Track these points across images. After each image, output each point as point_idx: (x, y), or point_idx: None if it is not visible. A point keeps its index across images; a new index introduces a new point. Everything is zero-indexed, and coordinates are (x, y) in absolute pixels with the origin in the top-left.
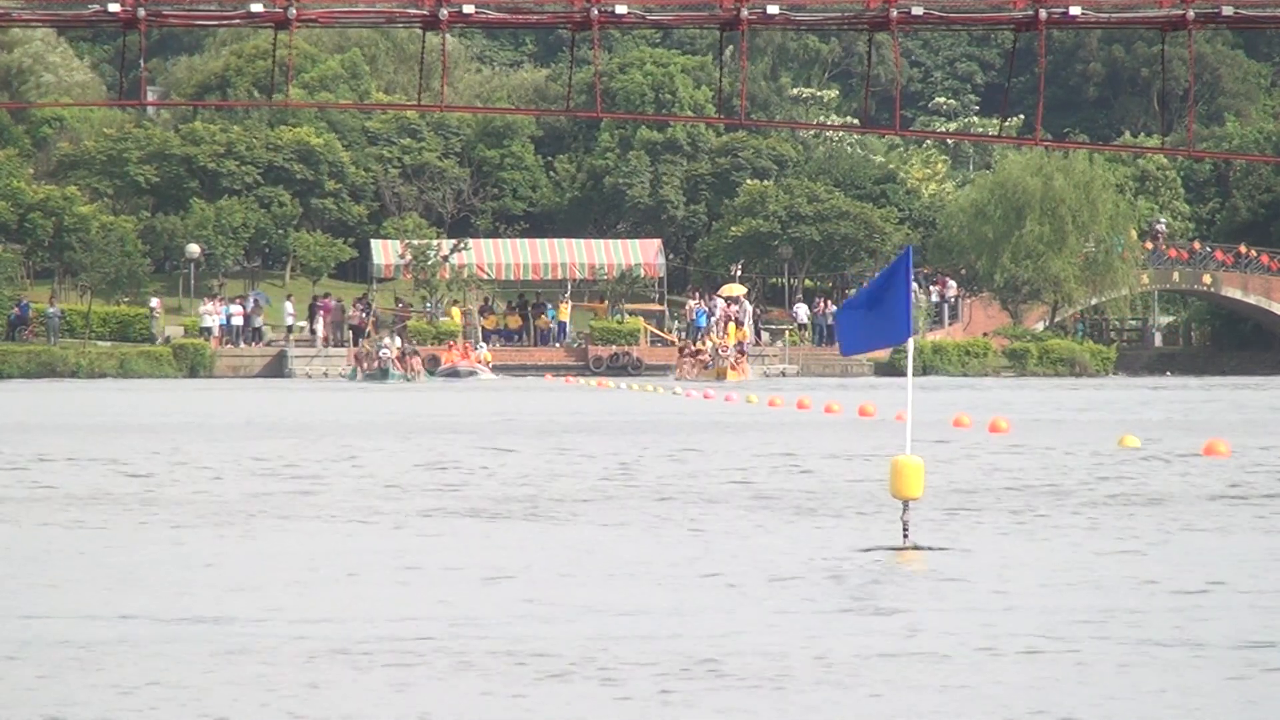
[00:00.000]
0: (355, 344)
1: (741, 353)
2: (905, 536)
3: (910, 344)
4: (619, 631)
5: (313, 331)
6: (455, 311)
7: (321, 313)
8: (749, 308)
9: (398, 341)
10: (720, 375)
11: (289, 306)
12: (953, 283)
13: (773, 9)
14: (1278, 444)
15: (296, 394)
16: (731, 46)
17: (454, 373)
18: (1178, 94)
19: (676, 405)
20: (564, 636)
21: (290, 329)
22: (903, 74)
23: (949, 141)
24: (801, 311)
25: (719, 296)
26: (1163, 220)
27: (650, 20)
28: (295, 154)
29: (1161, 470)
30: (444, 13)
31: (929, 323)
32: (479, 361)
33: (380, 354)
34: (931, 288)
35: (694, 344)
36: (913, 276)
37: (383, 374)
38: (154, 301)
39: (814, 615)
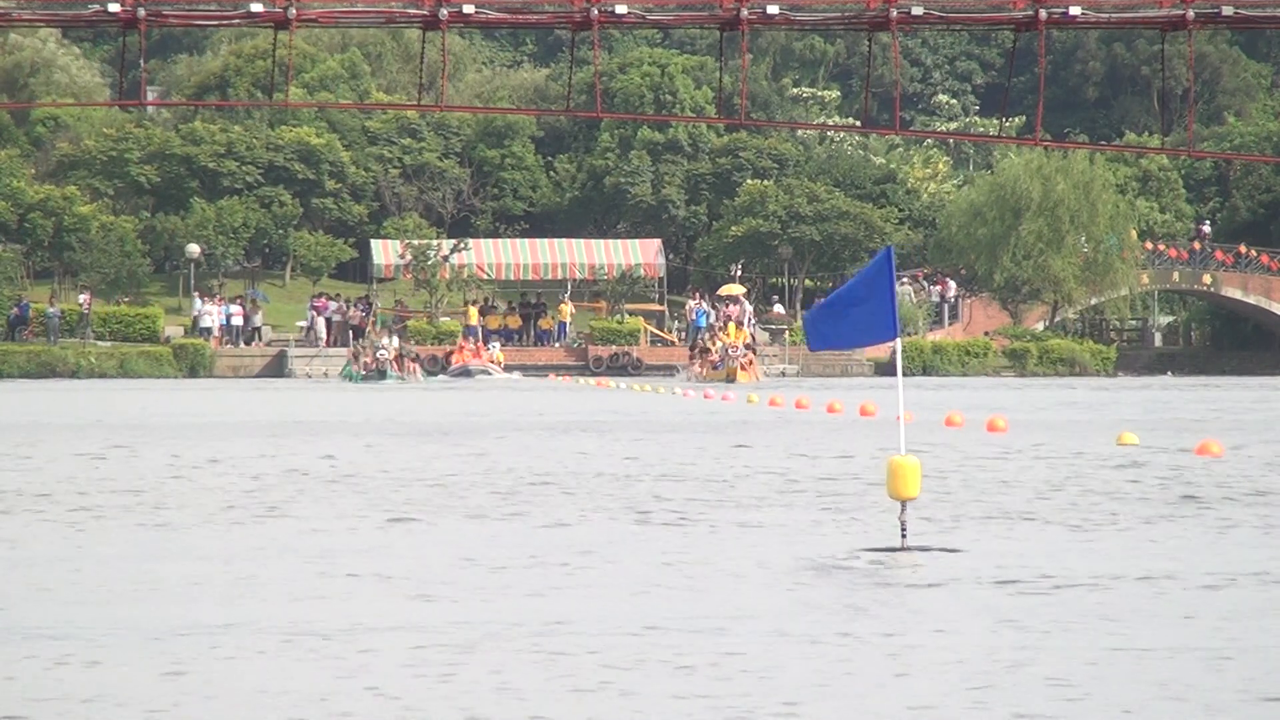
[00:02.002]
0: (355, 344)
1: (751, 352)
2: (903, 537)
3: (898, 344)
4: (608, 630)
5: (313, 329)
6: (473, 310)
7: (313, 312)
8: (749, 307)
9: (395, 342)
10: (730, 376)
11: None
12: (953, 283)
13: (773, 9)
14: (1274, 443)
15: (321, 394)
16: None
17: (465, 372)
18: (1178, 94)
19: (676, 405)
20: (536, 628)
21: (310, 329)
22: (903, 74)
23: (949, 141)
24: (778, 310)
25: (719, 296)
26: (1207, 221)
27: (650, 20)
28: (295, 154)
29: (1157, 469)
30: (444, 13)
31: (929, 323)
32: (491, 361)
33: (378, 355)
34: (932, 288)
35: (704, 343)
36: (908, 276)
37: (380, 375)
38: (82, 298)
39: (811, 616)
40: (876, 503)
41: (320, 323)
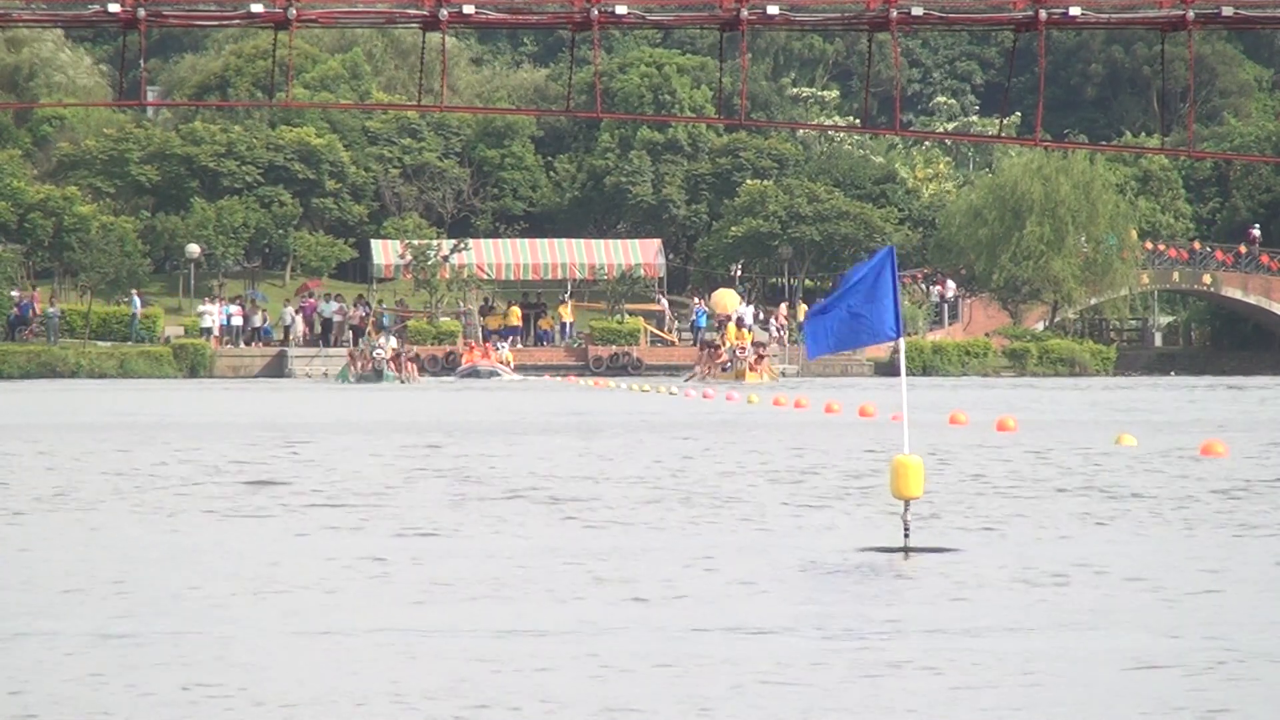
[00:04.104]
0: (355, 344)
1: (760, 354)
2: (906, 536)
3: (901, 343)
4: (606, 628)
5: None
6: (515, 311)
7: (304, 311)
8: (746, 311)
9: (393, 342)
10: (739, 376)
11: (289, 310)
12: (951, 283)
13: (773, 9)
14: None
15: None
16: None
17: (474, 372)
18: (1177, 94)
19: (675, 405)
20: (547, 621)
21: (289, 329)
22: (903, 74)
23: (949, 141)
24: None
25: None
26: (1256, 225)
27: (650, 20)
28: (296, 154)
29: (1157, 469)
30: (444, 13)
31: (929, 323)
32: (500, 361)
33: (375, 355)
34: (932, 288)
35: (713, 344)
36: (907, 276)
37: (376, 375)
38: (14, 292)
39: (813, 616)
40: (880, 502)
41: (298, 320)
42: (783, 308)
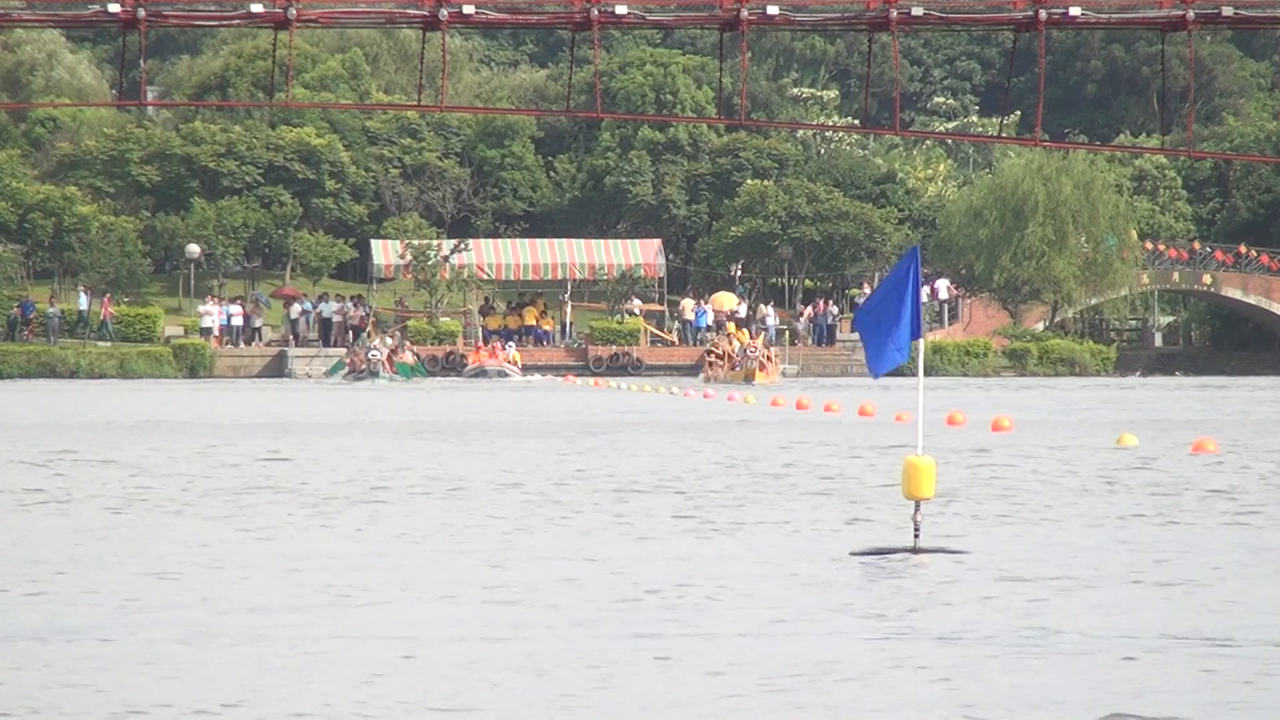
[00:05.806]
0: (354, 344)
1: (769, 354)
2: (917, 537)
3: (921, 344)
4: (621, 634)
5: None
6: (531, 311)
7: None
8: (742, 311)
9: (389, 342)
10: (749, 377)
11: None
12: (948, 282)
13: (773, 9)
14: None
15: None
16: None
17: (481, 372)
18: (1176, 93)
19: (677, 405)
20: (550, 626)
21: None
22: (902, 74)
23: (949, 141)
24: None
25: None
26: None
27: (650, 20)
28: (296, 154)
29: (1157, 468)
30: (444, 13)
31: (929, 323)
32: (508, 361)
33: (370, 355)
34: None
35: (720, 345)
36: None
37: (372, 376)
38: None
39: (825, 615)
40: (891, 503)
41: (301, 322)
42: (809, 309)
